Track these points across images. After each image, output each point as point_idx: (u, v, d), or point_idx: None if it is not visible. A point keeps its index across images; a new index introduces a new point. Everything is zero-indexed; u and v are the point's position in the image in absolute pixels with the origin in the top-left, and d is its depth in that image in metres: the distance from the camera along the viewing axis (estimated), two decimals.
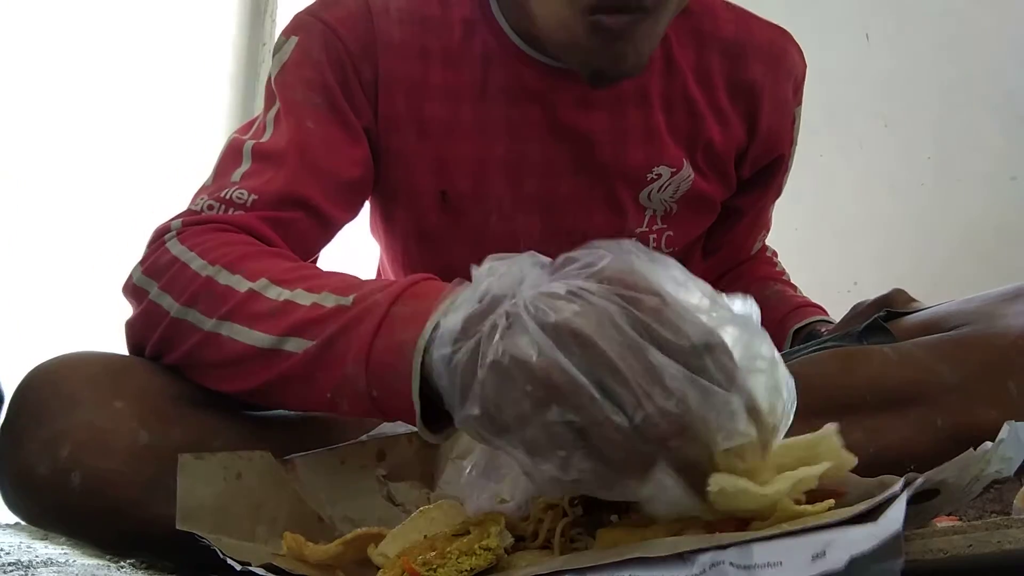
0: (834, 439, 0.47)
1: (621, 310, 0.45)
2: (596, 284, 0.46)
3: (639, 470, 0.45)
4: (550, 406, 0.44)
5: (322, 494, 0.64)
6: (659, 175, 0.87)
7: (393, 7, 0.84)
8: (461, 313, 0.50)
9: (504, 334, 0.46)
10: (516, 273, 0.49)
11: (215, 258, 0.67)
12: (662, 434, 0.44)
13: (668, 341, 0.45)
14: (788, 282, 1.07)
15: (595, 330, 0.44)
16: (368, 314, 0.57)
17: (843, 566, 0.37)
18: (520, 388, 0.45)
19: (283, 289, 0.63)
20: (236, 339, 0.62)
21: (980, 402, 0.69)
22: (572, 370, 0.44)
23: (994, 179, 1.53)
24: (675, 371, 0.44)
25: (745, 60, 0.89)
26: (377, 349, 0.56)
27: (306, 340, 0.59)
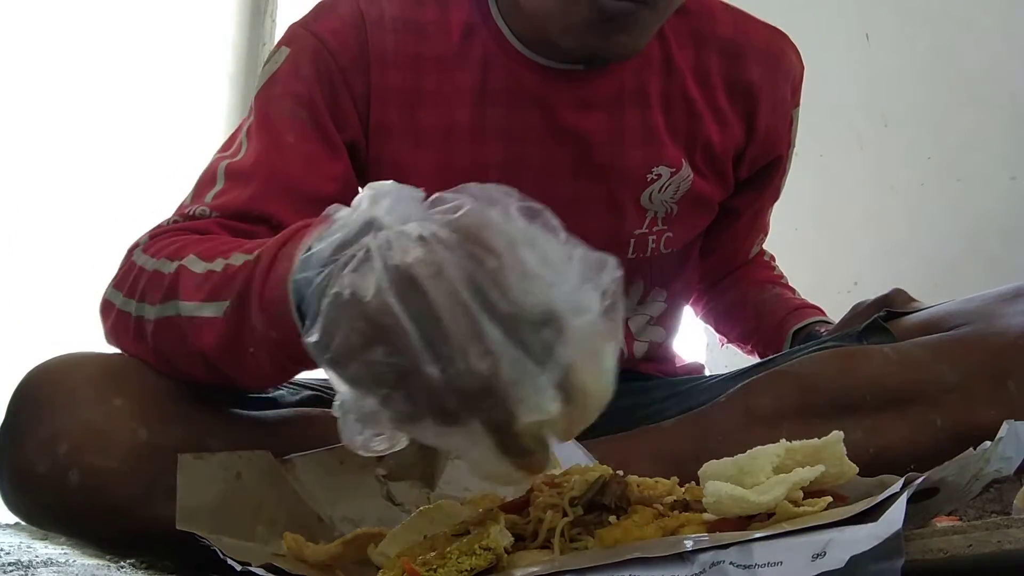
0: (839, 447, 0.47)
1: (462, 265, 0.46)
2: (449, 232, 0.47)
3: (450, 422, 0.46)
4: (375, 346, 0.46)
5: (322, 494, 0.64)
6: (659, 175, 0.87)
7: (388, 15, 0.83)
8: (332, 239, 0.50)
9: (356, 267, 0.47)
10: (390, 203, 0.50)
11: (162, 254, 0.69)
12: (470, 393, 0.45)
13: (497, 304, 0.46)
14: (786, 285, 1.07)
15: (431, 281, 0.46)
16: (263, 258, 0.58)
17: (843, 565, 0.37)
18: (352, 323, 0.46)
19: (205, 261, 0.64)
20: (173, 317, 0.64)
21: (980, 402, 0.69)
22: (400, 315, 0.45)
23: (994, 179, 1.53)
24: (495, 336, 0.45)
25: (743, 61, 0.89)
26: (267, 288, 0.57)
27: (222, 301, 0.61)
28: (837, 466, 0.47)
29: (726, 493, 0.45)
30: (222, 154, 0.81)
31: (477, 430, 0.46)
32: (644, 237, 0.89)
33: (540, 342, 0.46)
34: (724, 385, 0.81)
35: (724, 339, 1.11)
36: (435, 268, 0.46)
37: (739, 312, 1.06)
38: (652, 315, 0.96)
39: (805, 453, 0.48)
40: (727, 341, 1.10)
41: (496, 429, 0.46)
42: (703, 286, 1.10)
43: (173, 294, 0.65)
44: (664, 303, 0.96)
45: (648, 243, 0.89)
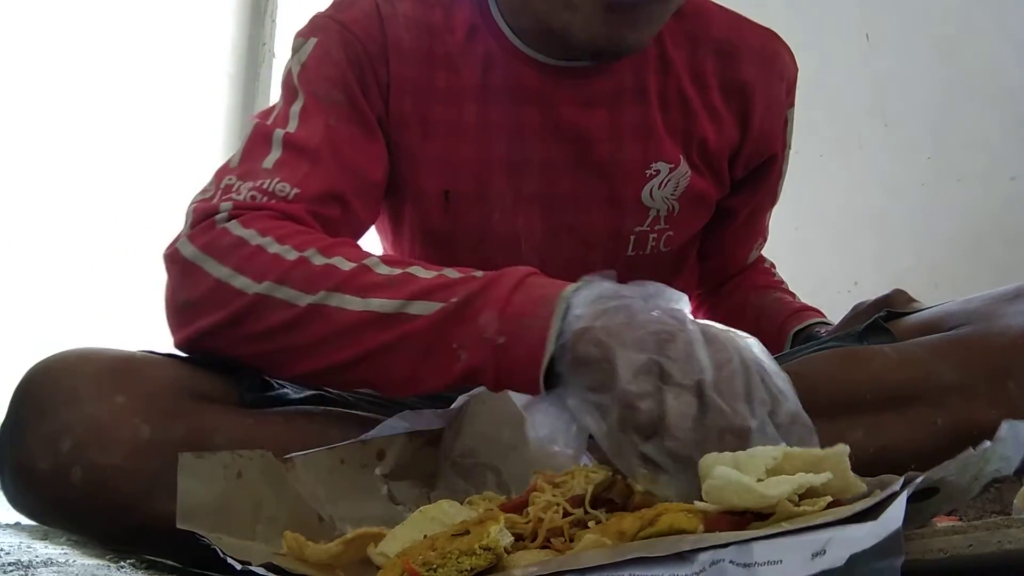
0: (843, 461, 0.47)
1: (754, 358, 0.57)
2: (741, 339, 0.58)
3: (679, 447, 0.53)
4: (665, 353, 0.54)
5: (322, 493, 0.64)
6: (657, 171, 0.88)
7: (400, 13, 0.85)
8: (602, 290, 0.60)
9: (655, 313, 0.57)
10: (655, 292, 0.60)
11: (301, 243, 0.68)
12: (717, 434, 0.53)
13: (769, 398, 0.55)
14: (786, 290, 1.07)
15: (727, 344, 0.56)
16: (504, 279, 0.63)
17: (843, 564, 0.37)
18: (653, 327, 0.55)
19: (394, 268, 0.67)
20: (347, 308, 0.65)
21: (980, 401, 0.69)
22: (698, 346, 0.55)
23: (994, 179, 1.53)
24: (757, 414, 0.54)
25: (738, 61, 0.90)
26: (515, 301, 0.62)
27: (436, 302, 0.63)
28: (840, 480, 0.47)
29: (735, 479, 0.44)
30: (266, 122, 0.80)
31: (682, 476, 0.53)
32: (645, 235, 0.90)
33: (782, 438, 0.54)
34: None
35: None
36: (732, 341, 0.57)
37: (739, 317, 1.06)
38: None
39: (805, 461, 0.48)
40: None
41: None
42: (703, 292, 1.10)
43: (353, 289, 0.65)
44: None
45: (648, 241, 0.90)
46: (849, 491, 0.46)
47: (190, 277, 0.70)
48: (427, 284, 0.64)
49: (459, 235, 0.88)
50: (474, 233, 0.88)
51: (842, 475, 0.47)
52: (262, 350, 0.68)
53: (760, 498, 0.44)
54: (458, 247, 0.88)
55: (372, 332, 0.64)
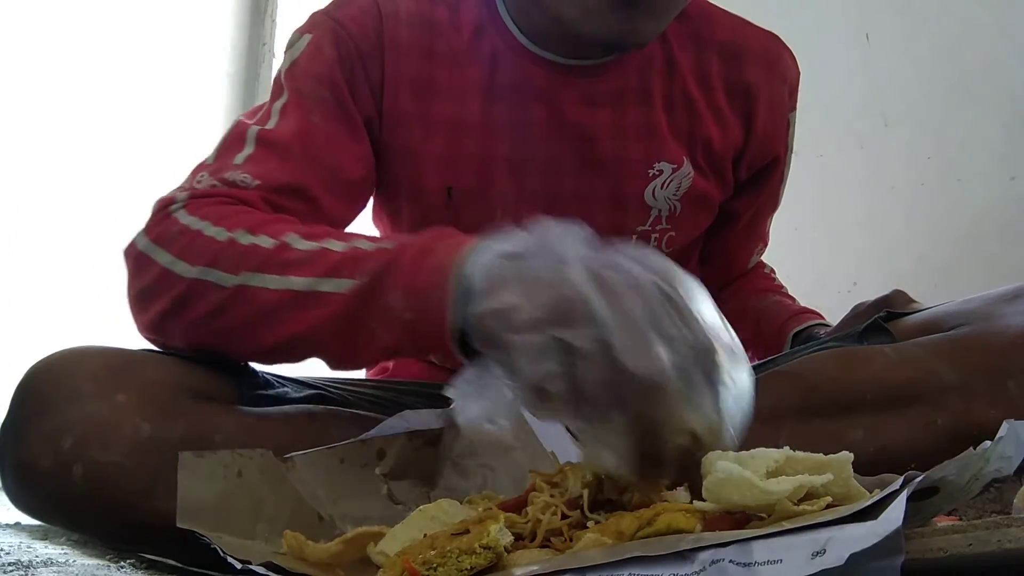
0: (847, 468, 0.47)
1: (657, 289, 0.52)
2: (640, 268, 0.53)
3: (599, 414, 0.50)
4: (565, 326, 0.51)
5: (322, 492, 0.64)
6: (660, 171, 0.88)
7: (402, 10, 0.86)
8: (508, 244, 0.57)
9: (556, 265, 0.53)
10: (566, 238, 0.56)
11: (233, 224, 0.69)
12: (638, 390, 0.49)
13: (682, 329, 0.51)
14: (786, 294, 1.08)
15: (627, 291, 0.51)
16: (410, 248, 0.62)
17: (843, 563, 0.37)
18: (545, 297, 0.52)
19: (312, 242, 0.66)
20: (269, 288, 0.65)
21: (980, 401, 0.69)
22: (596, 304, 0.51)
23: (994, 179, 1.53)
24: (678, 351, 0.50)
25: (742, 63, 0.91)
26: (420, 272, 0.61)
27: (347, 279, 0.63)
28: (843, 487, 0.47)
29: (736, 473, 0.44)
30: (248, 120, 0.82)
31: (622, 423, 0.50)
32: (647, 235, 0.90)
33: (709, 372, 0.52)
34: None
35: None
36: (635, 283, 0.52)
37: (739, 320, 1.06)
38: None
39: (807, 466, 0.48)
40: None
41: (646, 428, 0.50)
42: None
43: (273, 268, 0.65)
44: None
45: (650, 241, 0.90)
46: (851, 498, 0.46)
47: (142, 267, 0.71)
48: (339, 258, 0.64)
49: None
50: (476, 231, 0.88)
51: (845, 482, 0.47)
52: (207, 334, 0.69)
53: (761, 494, 0.44)
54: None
55: (292, 313, 0.64)
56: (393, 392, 0.85)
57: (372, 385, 0.87)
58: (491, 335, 0.54)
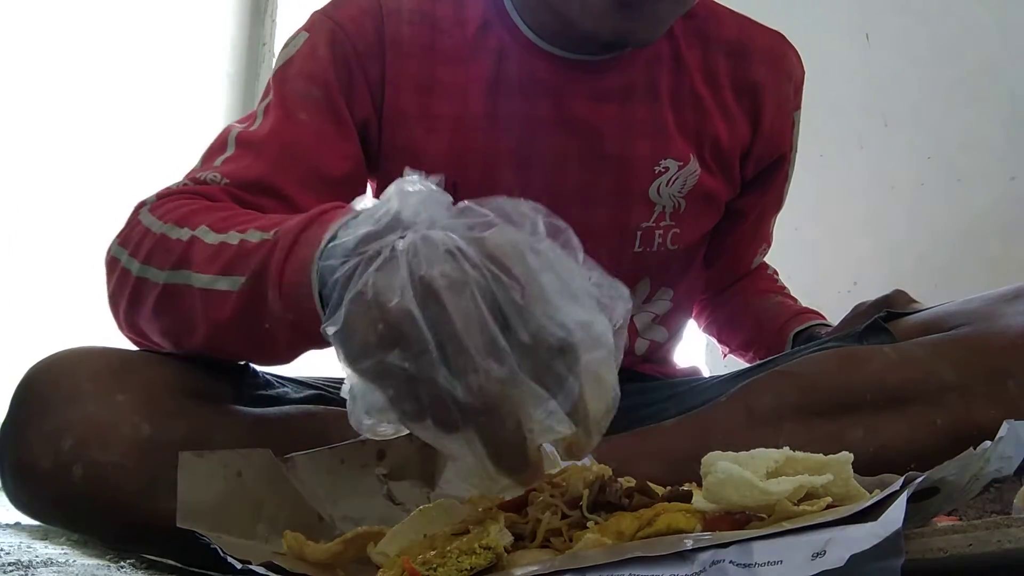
0: (847, 468, 0.47)
1: (486, 286, 0.48)
2: (477, 251, 0.48)
3: (449, 428, 0.48)
4: (392, 348, 0.47)
5: (322, 493, 0.64)
6: (666, 168, 0.88)
7: (405, 7, 0.86)
8: (358, 231, 0.52)
9: (381, 266, 0.49)
10: (418, 204, 0.52)
11: (170, 218, 0.69)
12: (473, 406, 0.47)
13: (515, 330, 0.47)
14: (788, 295, 1.08)
15: (454, 297, 0.47)
16: (282, 240, 0.59)
17: (843, 564, 0.37)
18: (372, 323, 0.48)
19: (219, 234, 0.65)
20: (189, 284, 0.64)
21: (980, 401, 0.69)
22: (420, 324, 0.47)
23: (994, 179, 1.53)
24: (509, 359, 0.47)
25: (749, 61, 0.91)
26: (287, 272, 0.58)
27: (238, 276, 0.61)
28: (843, 487, 0.47)
29: (737, 474, 0.44)
30: (238, 124, 0.83)
31: (472, 439, 0.48)
32: (651, 231, 0.90)
33: (552, 371, 0.48)
34: (724, 385, 0.81)
35: (727, 349, 1.11)
36: (460, 285, 0.47)
37: (741, 321, 1.06)
38: (657, 313, 0.97)
39: (807, 466, 0.48)
40: (729, 351, 1.11)
41: (490, 440, 0.48)
42: (706, 297, 1.10)
43: (184, 263, 0.65)
44: (670, 302, 0.97)
45: (655, 237, 0.90)
46: (851, 499, 0.46)
47: (111, 270, 0.73)
48: (233, 253, 0.62)
49: None
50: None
51: (844, 483, 0.47)
52: (160, 332, 0.69)
53: (761, 494, 0.44)
54: None
55: (202, 312, 0.63)
56: None
57: None
58: (339, 358, 0.51)
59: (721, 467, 0.46)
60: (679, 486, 0.54)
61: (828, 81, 1.66)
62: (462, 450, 0.49)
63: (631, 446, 0.75)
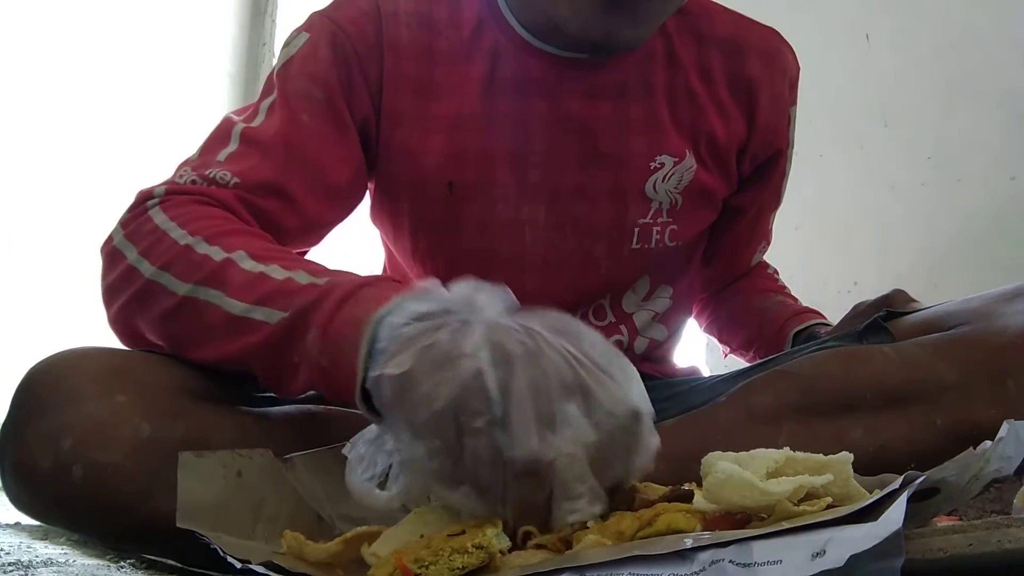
0: (847, 468, 0.47)
1: (564, 363, 0.51)
2: (547, 330, 0.52)
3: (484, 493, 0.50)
4: (454, 402, 0.49)
5: (322, 493, 0.64)
6: (662, 164, 0.89)
7: (402, 10, 0.87)
8: (425, 304, 0.55)
9: (454, 331, 0.52)
10: (488, 297, 0.55)
11: (195, 229, 0.69)
12: (518, 468, 0.49)
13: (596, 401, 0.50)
14: (788, 294, 1.08)
15: (527, 363, 0.50)
16: (336, 291, 0.61)
17: (843, 564, 0.37)
18: (441, 373, 0.50)
19: (258, 263, 0.66)
20: (211, 303, 0.65)
21: (979, 401, 0.69)
22: (488, 385, 0.49)
23: (994, 179, 1.53)
24: (567, 431, 0.49)
25: (743, 57, 0.92)
26: (336, 321, 0.59)
27: (276, 311, 0.63)
28: (843, 487, 0.47)
29: (737, 474, 0.44)
30: (236, 117, 0.83)
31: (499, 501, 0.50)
32: (648, 227, 0.90)
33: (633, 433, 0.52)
34: (724, 385, 0.81)
35: (727, 349, 1.11)
36: (534, 355, 0.50)
37: (742, 320, 1.06)
38: (657, 311, 0.97)
39: (807, 466, 0.48)
40: (730, 351, 1.11)
41: (518, 503, 0.50)
42: (706, 296, 1.10)
43: (215, 284, 0.65)
44: (669, 300, 0.97)
45: (653, 234, 0.90)
46: (851, 499, 0.46)
47: (113, 262, 0.73)
48: (274, 287, 0.64)
49: (462, 227, 0.89)
50: (477, 224, 0.89)
51: (844, 483, 0.47)
52: (160, 336, 0.70)
53: (761, 495, 0.44)
54: (461, 239, 0.89)
55: (226, 334, 0.65)
56: None
57: None
58: (386, 402, 0.53)
59: (721, 467, 0.46)
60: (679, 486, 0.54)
61: (828, 81, 1.67)
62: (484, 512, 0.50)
63: None
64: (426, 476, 0.52)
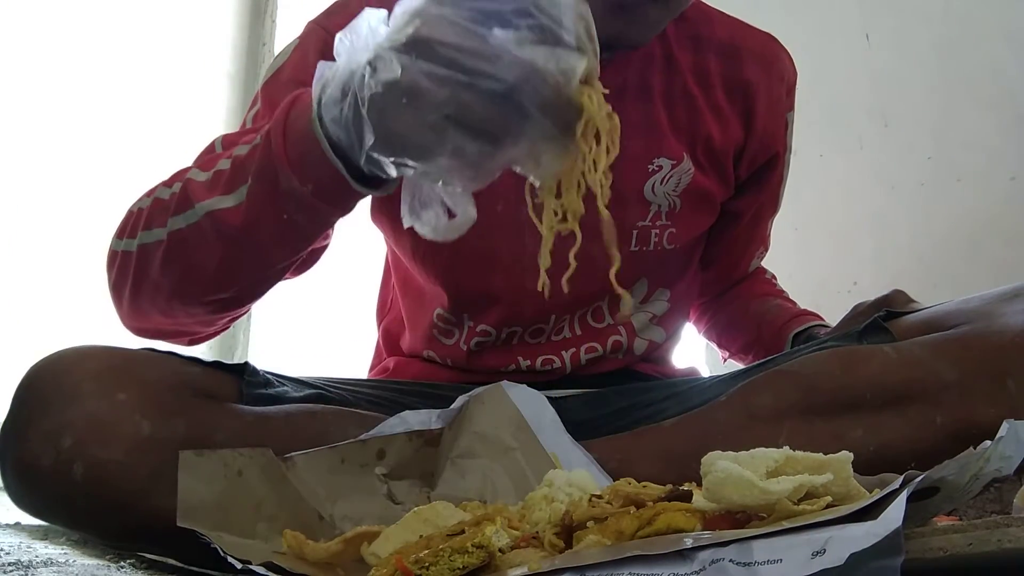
0: (846, 467, 0.47)
1: (455, 9, 0.53)
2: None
3: (515, 129, 0.54)
4: (426, 109, 0.53)
5: (322, 492, 0.64)
6: (660, 167, 0.89)
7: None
8: (335, 84, 0.59)
9: (371, 73, 0.55)
10: (364, 30, 0.58)
11: (152, 190, 0.73)
12: (519, 80, 0.53)
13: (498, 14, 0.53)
14: (787, 298, 1.08)
15: (439, 30, 0.53)
16: (273, 132, 0.64)
17: (843, 563, 0.37)
18: (399, 106, 0.54)
19: (208, 170, 0.69)
20: (195, 220, 0.68)
21: (979, 400, 0.69)
22: (436, 70, 0.53)
23: (993, 179, 1.53)
24: (512, 36, 0.53)
25: (740, 61, 0.92)
26: (290, 147, 0.63)
27: (241, 185, 0.66)
28: (843, 487, 0.47)
29: (736, 473, 0.44)
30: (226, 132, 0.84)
31: (535, 118, 0.54)
32: (647, 230, 0.90)
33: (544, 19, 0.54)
34: (724, 385, 0.81)
35: (726, 353, 1.11)
36: (438, 21, 0.53)
37: (740, 324, 1.06)
38: (655, 313, 0.97)
39: (807, 465, 0.47)
40: (729, 355, 1.11)
41: (542, 101, 0.54)
42: (705, 300, 1.10)
43: (183, 206, 0.68)
44: (667, 303, 0.97)
45: (651, 237, 0.90)
46: (851, 498, 0.46)
47: (111, 264, 0.75)
48: (228, 174, 0.67)
49: None
50: (477, 226, 0.88)
51: (844, 482, 0.47)
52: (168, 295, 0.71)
53: (761, 494, 0.44)
54: (461, 240, 0.88)
55: (213, 234, 0.67)
56: (393, 392, 0.85)
57: (372, 385, 0.87)
58: (390, 166, 0.58)
59: (721, 467, 0.46)
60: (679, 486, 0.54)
61: (828, 81, 1.67)
62: (533, 137, 0.55)
63: (631, 446, 0.75)
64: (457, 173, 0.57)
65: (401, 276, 0.99)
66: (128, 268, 0.72)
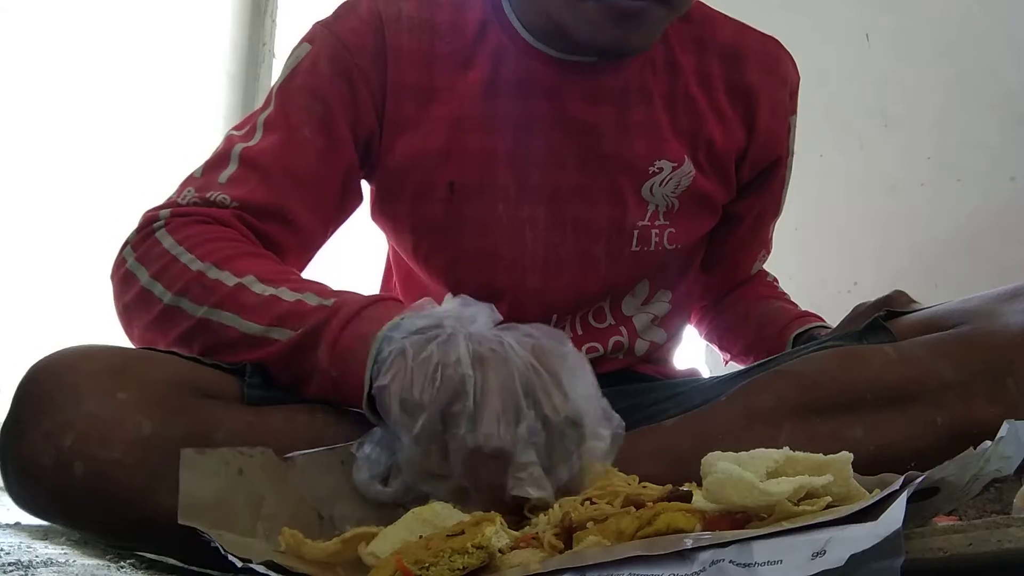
0: (847, 468, 0.47)
1: (524, 370, 0.62)
2: (520, 344, 0.63)
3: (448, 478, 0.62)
4: (444, 402, 0.60)
5: (322, 492, 0.64)
6: (660, 168, 0.89)
7: (405, 15, 0.87)
8: (418, 321, 0.65)
9: (442, 343, 0.62)
10: (475, 312, 0.66)
11: (204, 253, 0.74)
12: (483, 455, 0.60)
13: (540, 404, 0.61)
14: (788, 300, 1.08)
15: (497, 368, 0.61)
16: (342, 311, 0.68)
17: (843, 564, 0.37)
18: (431, 377, 0.61)
19: (268, 286, 0.71)
20: (226, 325, 0.71)
21: (980, 400, 0.69)
22: (468, 389, 0.60)
23: (994, 179, 1.53)
24: (525, 423, 0.61)
25: (743, 64, 0.92)
26: (343, 338, 0.67)
27: (289, 330, 0.69)
28: (843, 487, 0.47)
29: (736, 475, 0.44)
30: (236, 133, 0.85)
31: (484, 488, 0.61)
32: (647, 230, 0.90)
33: (565, 444, 0.62)
34: (724, 385, 0.81)
35: (727, 356, 1.11)
36: (503, 361, 0.62)
37: (742, 326, 1.06)
38: (656, 314, 0.97)
39: (807, 466, 0.48)
40: (730, 358, 1.11)
41: (476, 478, 0.61)
42: (707, 303, 1.10)
43: (229, 307, 0.71)
44: (668, 304, 0.97)
45: (651, 237, 0.90)
46: (851, 498, 0.46)
47: (126, 284, 0.76)
48: (287, 309, 0.70)
49: (463, 226, 0.89)
50: (478, 224, 0.89)
51: (845, 482, 0.47)
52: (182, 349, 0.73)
53: (761, 495, 0.44)
54: (462, 239, 0.89)
55: (246, 348, 0.71)
56: None
57: None
58: (389, 408, 0.62)
59: (721, 467, 0.46)
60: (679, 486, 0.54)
61: (828, 81, 1.67)
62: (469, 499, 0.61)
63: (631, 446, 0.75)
64: (420, 473, 0.62)
65: (403, 275, 0.99)
66: (150, 310, 0.74)
